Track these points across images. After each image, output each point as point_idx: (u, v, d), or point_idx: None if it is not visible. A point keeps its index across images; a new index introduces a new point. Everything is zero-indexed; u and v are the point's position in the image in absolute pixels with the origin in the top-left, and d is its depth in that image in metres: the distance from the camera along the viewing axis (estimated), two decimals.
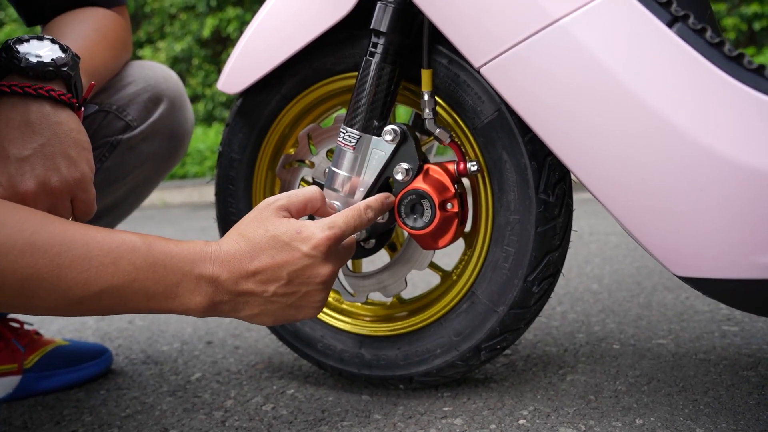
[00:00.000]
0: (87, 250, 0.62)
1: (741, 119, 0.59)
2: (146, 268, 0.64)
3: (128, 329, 1.48)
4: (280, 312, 0.71)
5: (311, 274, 0.70)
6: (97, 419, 0.96)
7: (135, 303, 0.65)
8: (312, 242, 0.69)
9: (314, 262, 0.69)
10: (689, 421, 0.80)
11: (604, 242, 2.12)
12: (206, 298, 0.67)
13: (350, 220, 0.73)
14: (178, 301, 0.67)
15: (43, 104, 0.73)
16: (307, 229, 0.70)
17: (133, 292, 0.64)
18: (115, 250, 0.63)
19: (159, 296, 0.65)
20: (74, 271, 0.61)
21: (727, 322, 1.18)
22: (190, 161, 6.66)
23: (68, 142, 0.73)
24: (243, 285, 0.68)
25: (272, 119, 0.98)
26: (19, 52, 0.74)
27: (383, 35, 0.81)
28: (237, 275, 0.68)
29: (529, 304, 0.85)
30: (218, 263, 0.68)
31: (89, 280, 0.61)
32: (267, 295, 0.69)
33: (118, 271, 0.63)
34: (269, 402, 0.97)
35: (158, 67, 1.09)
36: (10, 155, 0.70)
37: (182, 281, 0.66)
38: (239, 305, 0.70)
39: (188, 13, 8.20)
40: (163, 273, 0.65)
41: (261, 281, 0.69)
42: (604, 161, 0.67)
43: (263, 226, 0.70)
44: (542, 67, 0.67)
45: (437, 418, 0.86)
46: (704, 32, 0.61)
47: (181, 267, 0.66)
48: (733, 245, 0.62)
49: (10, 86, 0.72)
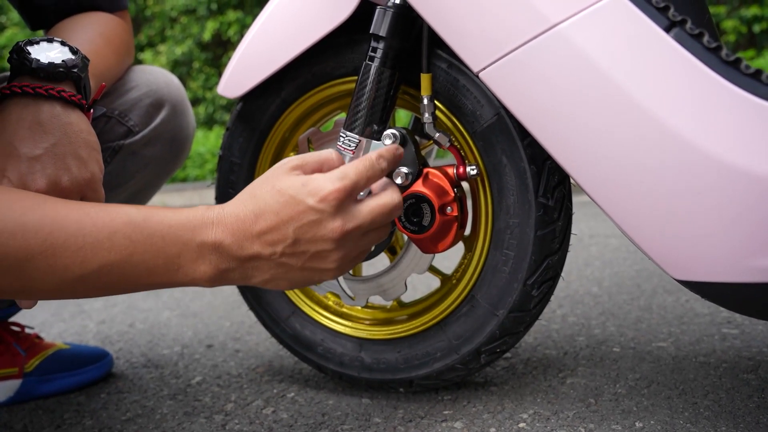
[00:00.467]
0: (80, 227, 0.60)
1: (738, 123, 0.59)
2: (143, 241, 0.61)
3: (129, 333, 1.48)
4: (294, 275, 0.66)
5: (320, 231, 0.63)
6: (98, 423, 0.96)
7: (137, 278, 0.62)
8: (320, 194, 0.63)
9: (322, 217, 0.63)
10: (689, 424, 0.80)
11: (604, 245, 2.12)
12: (211, 266, 0.63)
13: (362, 171, 0.66)
14: (182, 273, 0.63)
15: (54, 105, 0.73)
16: (314, 181, 0.64)
17: (133, 266, 0.61)
18: (109, 224, 0.60)
19: (160, 269, 0.62)
20: (69, 250, 0.59)
21: (727, 325, 1.18)
22: (191, 164, 6.67)
23: (79, 143, 0.73)
24: (248, 248, 0.63)
25: (272, 123, 0.98)
26: (30, 53, 0.74)
27: (383, 40, 0.81)
28: (241, 238, 0.63)
29: (528, 307, 0.85)
30: (221, 227, 0.63)
31: (85, 258, 0.59)
32: (275, 257, 0.64)
33: (114, 246, 0.60)
34: (269, 405, 0.97)
35: (160, 72, 1.10)
36: (22, 154, 0.70)
37: (183, 251, 0.62)
38: (248, 271, 0.65)
39: (189, 17, 8.21)
40: (162, 244, 0.61)
41: (267, 242, 0.63)
42: (602, 165, 0.67)
43: (270, 182, 0.65)
44: (541, 72, 0.68)
45: (437, 422, 0.86)
46: (702, 37, 0.61)
47: (180, 236, 0.62)
48: (731, 249, 0.63)
49: (21, 87, 0.72)
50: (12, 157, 0.70)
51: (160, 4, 8.43)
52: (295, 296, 1.02)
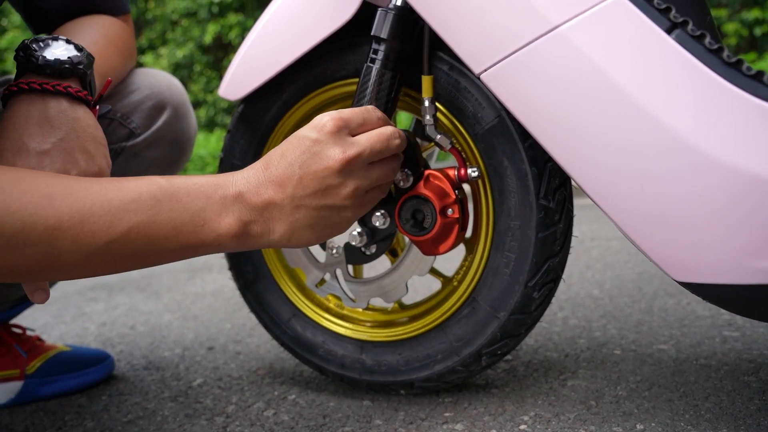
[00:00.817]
0: (105, 192, 0.62)
1: (740, 125, 0.59)
2: (168, 198, 0.63)
3: (130, 335, 1.48)
4: (313, 219, 0.68)
5: (321, 162, 0.66)
6: (99, 425, 0.96)
7: (164, 239, 0.63)
8: (317, 126, 0.67)
9: (322, 147, 0.66)
10: (690, 426, 0.80)
11: (605, 248, 2.12)
12: (235, 217, 0.65)
13: (357, 111, 0.71)
14: (208, 228, 0.64)
15: (60, 100, 0.74)
16: (315, 119, 0.69)
17: (160, 226, 0.62)
18: (134, 188, 0.63)
19: (186, 226, 0.63)
20: (96, 215, 0.60)
21: (728, 327, 1.18)
22: (192, 167, 6.67)
23: (86, 137, 0.74)
24: (263, 195, 0.66)
25: (273, 125, 0.98)
26: (36, 51, 0.75)
27: (384, 42, 0.81)
28: (255, 186, 0.66)
29: (530, 309, 0.85)
30: (240, 179, 0.66)
31: (113, 221, 0.61)
32: (288, 200, 0.66)
33: (140, 206, 0.62)
34: (270, 407, 0.97)
35: (162, 74, 1.10)
36: (30, 149, 0.71)
37: (207, 205, 0.64)
38: (268, 223, 0.67)
39: (190, 20, 8.22)
40: (187, 200, 0.64)
41: (278, 184, 0.66)
42: (603, 167, 0.67)
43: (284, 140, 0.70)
44: (542, 74, 0.68)
45: (438, 424, 0.86)
46: (703, 38, 0.61)
47: (203, 191, 0.65)
48: (732, 250, 0.63)
49: (28, 83, 0.73)
50: (21, 152, 0.70)
51: (161, 7, 8.44)
52: (296, 298, 1.02)
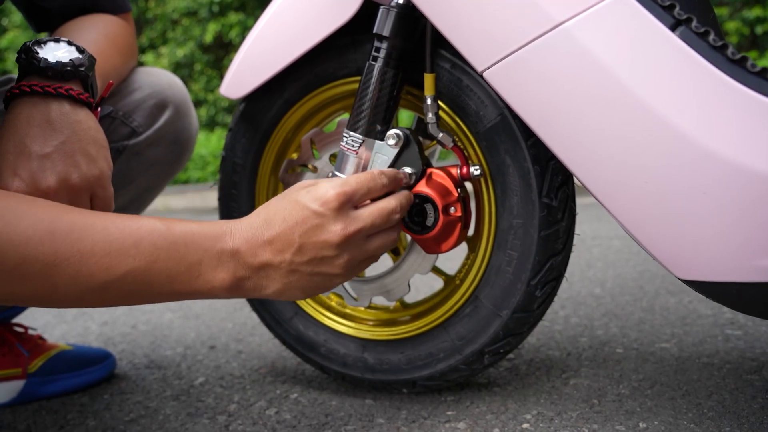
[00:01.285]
0: (107, 234, 0.61)
1: (744, 122, 0.59)
2: (167, 248, 0.63)
3: (131, 334, 1.48)
4: (306, 282, 0.69)
5: (322, 235, 0.68)
6: (101, 423, 0.96)
7: (159, 286, 0.64)
8: (322, 199, 0.68)
9: (324, 221, 0.67)
10: (693, 425, 0.79)
11: (607, 246, 2.12)
12: (229, 273, 0.66)
13: (362, 181, 0.71)
14: (202, 279, 0.66)
15: (62, 103, 0.74)
16: (317, 187, 0.69)
17: (156, 273, 0.63)
18: (135, 232, 0.63)
19: (182, 276, 0.64)
20: (96, 256, 0.60)
21: (730, 325, 1.18)
22: (193, 166, 6.67)
23: (87, 140, 0.74)
24: (260, 256, 0.67)
25: (275, 124, 0.98)
26: (38, 53, 0.75)
27: (386, 40, 0.81)
28: (254, 246, 0.67)
29: (532, 308, 0.85)
30: (237, 236, 0.67)
31: (111, 264, 0.61)
32: (285, 265, 0.67)
33: (139, 252, 0.62)
34: (272, 406, 0.97)
35: (163, 73, 1.10)
36: (32, 152, 0.71)
37: (204, 258, 0.65)
38: (262, 280, 0.68)
39: (190, 19, 8.22)
40: (184, 251, 0.64)
41: (277, 250, 0.67)
42: (607, 164, 0.67)
43: (280, 195, 0.71)
44: (545, 71, 0.68)
45: (441, 422, 0.86)
46: (707, 35, 0.61)
47: (201, 244, 0.65)
48: (736, 248, 0.63)
49: (30, 86, 0.73)
50: (23, 155, 0.71)
51: (162, 6, 8.44)
52: None
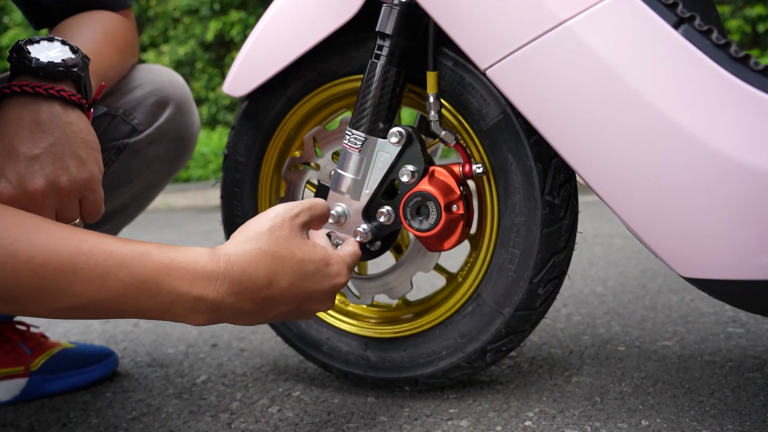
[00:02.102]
0: (71, 263, 0.58)
1: (747, 121, 0.59)
2: (136, 285, 0.59)
3: (133, 332, 1.48)
4: (277, 319, 0.70)
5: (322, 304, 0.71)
6: (104, 421, 0.96)
7: (128, 314, 0.62)
8: (337, 280, 0.71)
9: (328, 297, 0.71)
10: (695, 422, 0.79)
11: (609, 245, 2.12)
12: (204, 317, 0.63)
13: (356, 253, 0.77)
14: (171, 316, 0.62)
15: (53, 104, 0.73)
16: (336, 263, 0.71)
17: (124, 306, 0.60)
18: (102, 264, 0.59)
19: (150, 312, 0.61)
20: (59, 284, 0.58)
21: (732, 323, 1.17)
22: (194, 164, 6.67)
23: (78, 143, 0.73)
24: (248, 304, 0.64)
25: (278, 122, 0.98)
26: (30, 52, 0.74)
27: (388, 38, 0.81)
28: (246, 297, 0.64)
29: (534, 306, 0.85)
30: (226, 284, 0.62)
31: (76, 293, 0.58)
32: (269, 313, 0.67)
33: (105, 286, 0.59)
34: (275, 404, 0.97)
35: (165, 70, 1.09)
36: (20, 154, 0.70)
37: (177, 300, 0.61)
38: (239, 317, 0.66)
39: (192, 17, 8.22)
40: (155, 290, 0.60)
41: (267, 304, 0.66)
42: (609, 162, 0.67)
43: (288, 246, 0.67)
44: (548, 69, 0.68)
45: (443, 420, 0.86)
46: (710, 33, 0.61)
47: (176, 287, 0.61)
48: (738, 246, 0.63)
49: (20, 86, 0.72)
50: (11, 156, 0.70)
51: (163, 5, 8.43)
52: None
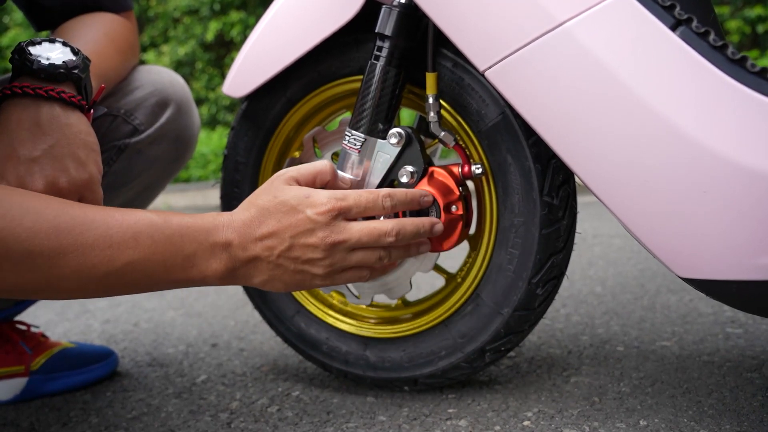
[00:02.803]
0: (107, 227, 0.65)
1: (744, 122, 0.59)
2: (164, 241, 0.68)
3: (133, 332, 1.49)
4: (288, 277, 0.73)
5: (310, 239, 0.71)
6: (104, 421, 0.97)
7: (156, 275, 0.68)
8: (318, 208, 0.71)
9: (315, 227, 0.71)
10: (693, 422, 0.80)
11: (608, 245, 2.12)
12: (222, 264, 0.71)
13: (362, 201, 0.74)
14: (196, 270, 0.70)
15: (53, 106, 0.74)
16: (316, 195, 0.72)
17: (154, 264, 0.67)
18: (134, 226, 0.66)
19: (178, 266, 0.69)
20: (97, 249, 0.64)
21: (731, 324, 1.18)
22: (194, 165, 6.68)
23: (77, 144, 0.74)
24: (251, 250, 0.71)
25: (277, 122, 0.99)
26: (31, 54, 0.75)
27: (388, 39, 0.81)
28: (246, 240, 0.71)
29: (533, 306, 0.85)
30: (230, 229, 0.71)
31: (112, 257, 0.65)
32: (272, 259, 0.72)
33: (138, 245, 0.66)
34: (275, 404, 0.97)
35: (165, 71, 1.10)
36: (20, 155, 0.71)
37: (198, 250, 0.69)
38: (250, 270, 0.72)
39: (192, 17, 8.22)
40: (180, 244, 0.68)
41: (267, 246, 0.71)
42: (607, 163, 0.67)
43: (272, 193, 0.73)
44: (546, 71, 0.68)
45: (442, 420, 0.86)
46: (707, 35, 0.61)
47: (196, 236, 0.69)
48: (736, 247, 0.63)
49: (21, 87, 0.73)
50: (11, 158, 0.71)
51: (163, 5, 8.44)
52: (300, 295, 1.02)
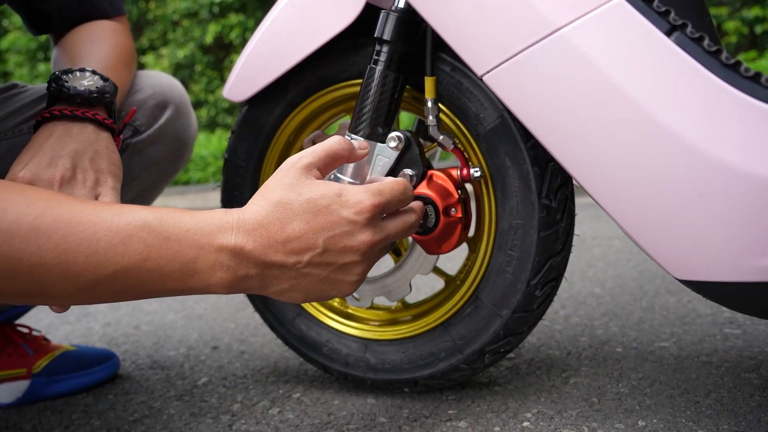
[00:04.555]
0: (94, 231, 0.58)
1: (738, 126, 0.60)
2: (158, 245, 0.59)
3: (134, 335, 1.49)
4: (312, 287, 0.65)
5: (350, 241, 0.63)
6: (106, 423, 0.97)
7: (151, 283, 0.60)
8: (357, 207, 0.63)
9: (355, 229, 0.63)
10: (691, 422, 0.80)
11: (607, 246, 2.13)
12: (229, 272, 0.61)
13: (396, 193, 0.66)
14: (198, 278, 0.61)
15: (86, 125, 0.79)
16: (351, 194, 0.63)
17: (148, 272, 0.59)
18: (124, 228, 0.59)
19: (175, 274, 0.60)
20: (82, 255, 0.57)
21: (729, 324, 1.18)
22: (193, 167, 6.68)
23: (101, 154, 0.79)
24: (273, 255, 0.61)
25: (277, 126, 0.99)
26: (66, 81, 0.81)
27: (387, 43, 0.82)
28: (266, 244, 0.61)
29: (532, 307, 0.86)
30: (242, 232, 0.61)
31: (99, 263, 0.58)
32: (300, 266, 0.62)
33: (128, 251, 0.58)
34: (275, 406, 0.98)
35: (163, 75, 1.13)
36: (47, 152, 0.75)
37: (199, 255, 0.60)
38: (268, 279, 0.63)
39: (191, 20, 8.24)
40: (177, 248, 0.60)
41: (293, 250, 0.62)
42: (604, 167, 0.68)
43: (294, 189, 0.63)
44: (544, 76, 0.69)
45: (442, 421, 0.87)
46: (702, 40, 0.62)
47: (197, 240, 0.60)
48: (733, 248, 0.63)
49: (60, 110, 0.78)
50: (38, 155, 0.75)
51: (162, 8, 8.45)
52: None
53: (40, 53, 9.43)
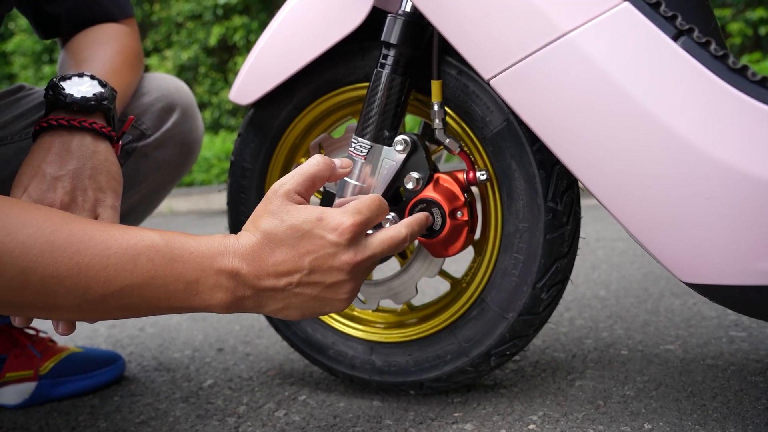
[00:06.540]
0: (105, 248, 0.61)
1: (745, 130, 0.60)
2: (165, 265, 0.63)
3: (139, 336, 1.49)
4: (305, 305, 0.68)
5: (335, 262, 0.66)
6: (112, 425, 0.97)
7: (156, 301, 0.64)
8: (339, 229, 0.66)
9: (338, 250, 0.66)
10: (698, 426, 0.80)
11: (611, 248, 2.13)
12: (228, 293, 0.65)
13: (374, 207, 0.70)
14: (199, 298, 0.65)
15: (84, 136, 0.79)
16: (331, 217, 0.66)
17: (153, 289, 0.63)
18: (133, 247, 0.62)
19: (180, 293, 0.64)
20: (93, 269, 0.61)
21: (734, 327, 1.18)
22: (197, 169, 6.69)
23: (100, 170, 0.78)
24: (264, 280, 0.66)
25: (284, 129, 1.00)
26: (63, 89, 0.80)
27: (393, 47, 0.82)
28: (258, 268, 0.65)
29: (538, 310, 0.86)
30: (237, 256, 0.65)
31: (109, 278, 0.61)
32: (291, 287, 0.66)
33: (137, 268, 0.62)
34: (281, 408, 0.98)
35: (170, 78, 1.13)
36: (46, 174, 0.75)
37: (202, 277, 0.64)
38: (263, 300, 0.67)
39: (195, 22, 8.25)
40: (182, 269, 0.63)
41: (282, 273, 0.66)
42: (611, 170, 0.68)
43: (277, 216, 0.67)
44: (551, 80, 0.69)
45: (448, 424, 0.87)
46: (709, 45, 0.62)
47: (200, 262, 0.64)
48: (739, 252, 0.64)
49: (57, 120, 0.78)
50: (37, 176, 0.75)
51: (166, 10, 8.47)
52: None
53: (45, 55, 9.46)
